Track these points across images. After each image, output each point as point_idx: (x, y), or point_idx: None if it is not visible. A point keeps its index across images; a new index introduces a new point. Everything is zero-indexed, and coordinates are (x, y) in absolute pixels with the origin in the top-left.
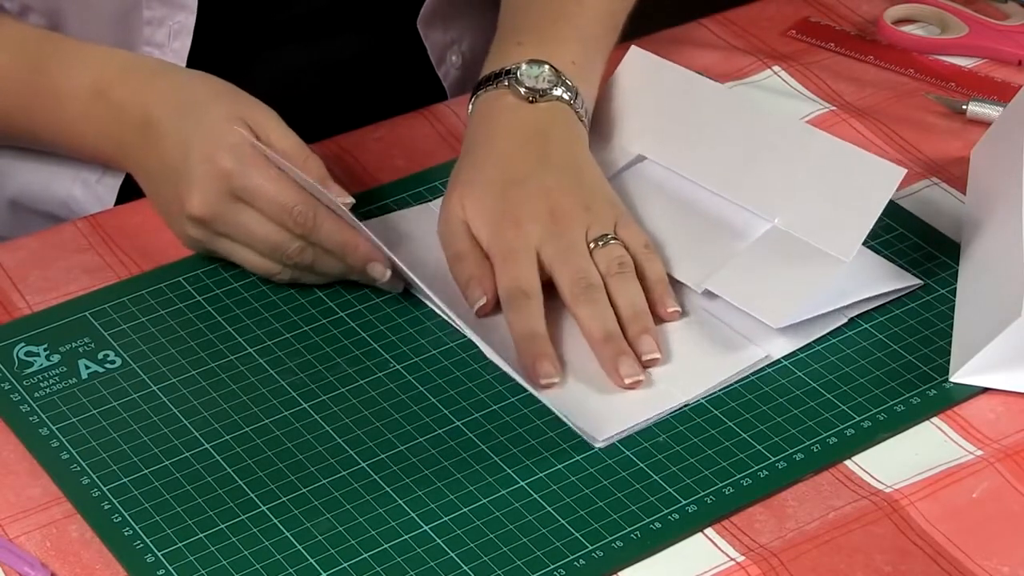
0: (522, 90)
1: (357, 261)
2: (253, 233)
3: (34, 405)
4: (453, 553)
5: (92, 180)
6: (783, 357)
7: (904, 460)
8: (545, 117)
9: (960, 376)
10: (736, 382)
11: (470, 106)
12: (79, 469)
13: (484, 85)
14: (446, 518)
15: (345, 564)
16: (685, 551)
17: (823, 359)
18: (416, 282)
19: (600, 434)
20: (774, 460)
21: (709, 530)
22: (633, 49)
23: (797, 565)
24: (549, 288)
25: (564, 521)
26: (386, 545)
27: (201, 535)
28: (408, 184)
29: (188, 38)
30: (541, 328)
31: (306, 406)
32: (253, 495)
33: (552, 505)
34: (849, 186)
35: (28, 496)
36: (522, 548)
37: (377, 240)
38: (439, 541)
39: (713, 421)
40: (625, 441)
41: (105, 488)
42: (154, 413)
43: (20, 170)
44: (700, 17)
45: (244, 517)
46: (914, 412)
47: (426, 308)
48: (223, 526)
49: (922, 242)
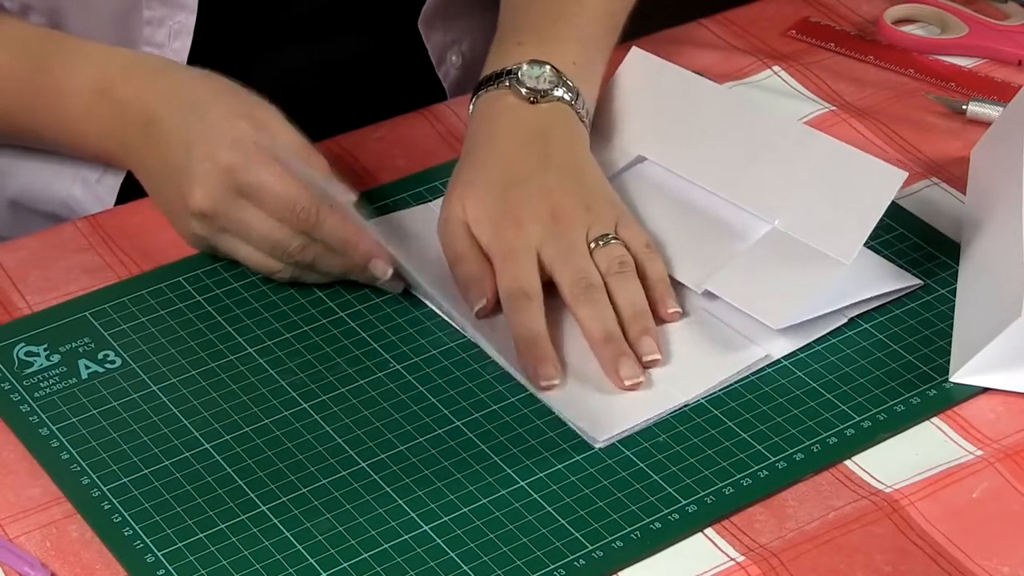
0: (523, 90)
1: (359, 258)
2: (255, 229)
3: (34, 405)
4: (453, 553)
5: (92, 180)
6: (783, 357)
7: (904, 460)
8: (546, 118)
9: (960, 376)
10: (736, 382)
11: (471, 106)
12: (79, 469)
13: (485, 85)
14: (446, 518)
15: (345, 564)
16: (685, 551)
17: (823, 359)
18: (418, 281)
19: (600, 435)
20: (774, 460)
21: (709, 530)
22: (634, 50)
23: (797, 565)
24: (550, 288)
25: (564, 521)
26: (386, 545)
27: (201, 535)
28: (408, 184)
29: (188, 38)
30: (542, 329)
31: (306, 406)
32: (253, 495)
33: (552, 505)
34: (850, 188)
35: (28, 496)
36: (522, 548)
37: (380, 238)
38: (439, 541)
39: (713, 421)
40: (625, 441)
41: (105, 488)
42: (154, 413)
43: (20, 170)
44: (700, 17)
45: (244, 517)
46: (914, 412)
47: (426, 308)
48: (223, 526)
49: (922, 242)
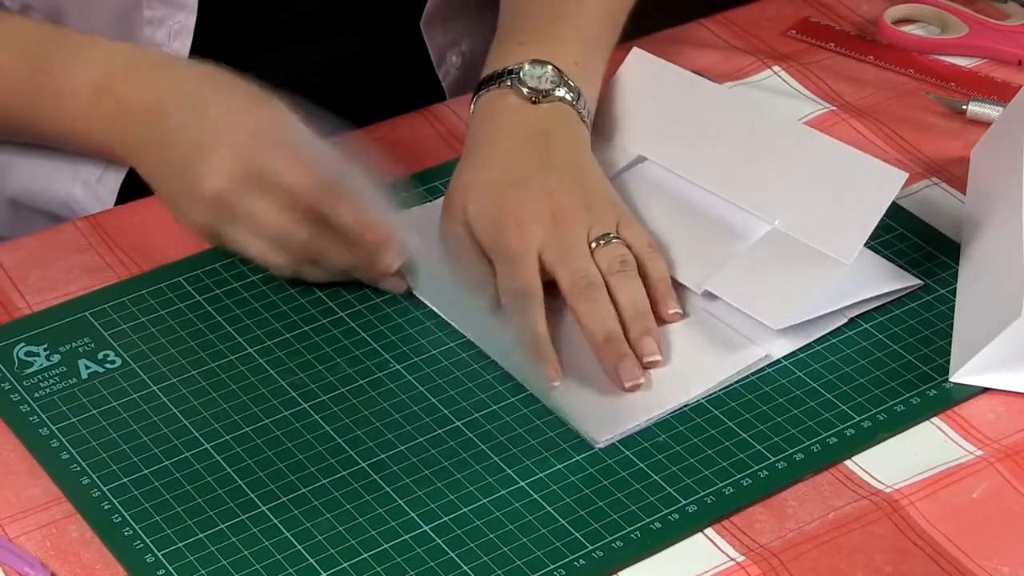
0: (525, 90)
1: (368, 247)
2: (264, 217)
3: (34, 405)
4: (453, 553)
5: (92, 180)
6: (783, 357)
7: (904, 460)
8: (548, 118)
9: (960, 376)
10: (736, 382)
11: (472, 106)
12: (79, 469)
13: (486, 85)
14: (446, 518)
15: (345, 564)
16: (685, 551)
17: (823, 359)
18: (423, 277)
19: (600, 435)
20: (774, 460)
21: (709, 530)
22: (634, 51)
23: (797, 565)
24: (551, 289)
25: (564, 521)
26: (386, 545)
27: (201, 535)
28: (408, 184)
29: (188, 38)
30: (543, 330)
31: (306, 406)
32: (253, 495)
33: (552, 505)
34: (850, 189)
35: (28, 496)
36: (522, 548)
37: (394, 226)
38: (439, 541)
39: (713, 421)
40: (625, 441)
41: (105, 488)
42: (154, 413)
43: (20, 170)
44: (700, 17)
45: (244, 517)
46: (914, 412)
47: (426, 308)
48: (223, 526)
49: (922, 242)
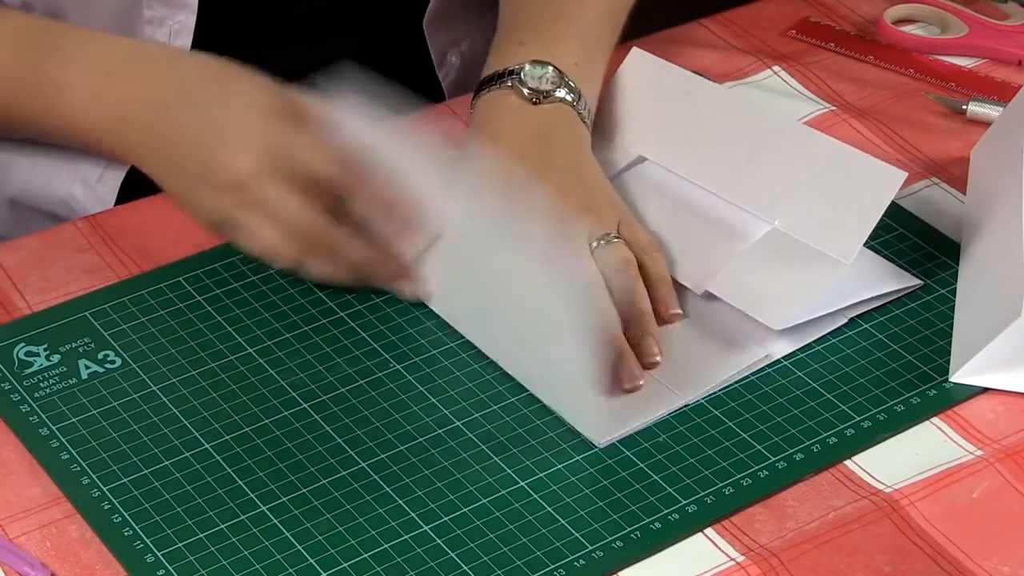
0: (525, 91)
1: (400, 220)
2: (284, 201)
3: (34, 405)
4: (453, 553)
5: (92, 179)
6: (783, 357)
7: (904, 460)
8: (548, 119)
9: (960, 376)
10: (736, 382)
11: (472, 106)
12: (79, 469)
13: (487, 85)
14: (446, 518)
15: (345, 564)
16: (685, 551)
17: (823, 359)
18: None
19: (601, 436)
20: (774, 460)
21: (709, 530)
22: (634, 51)
23: (797, 565)
24: None
25: (564, 521)
26: (386, 545)
27: (201, 535)
28: None
29: (188, 38)
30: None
31: (306, 406)
32: (253, 495)
33: (552, 505)
34: (850, 189)
35: (28, 496)
36: (522, 548)
37: (419, 209)
38: (439, 541)
39: (713, 421)
40: (625, 441)
41: (105, 488)
42: (154, 413)
43: (20, 169)
44: (700, 17)
45: (244, 517)
46: (914, 412)
47: (426, 308)
48: (223, 526)
49: (922, 242)
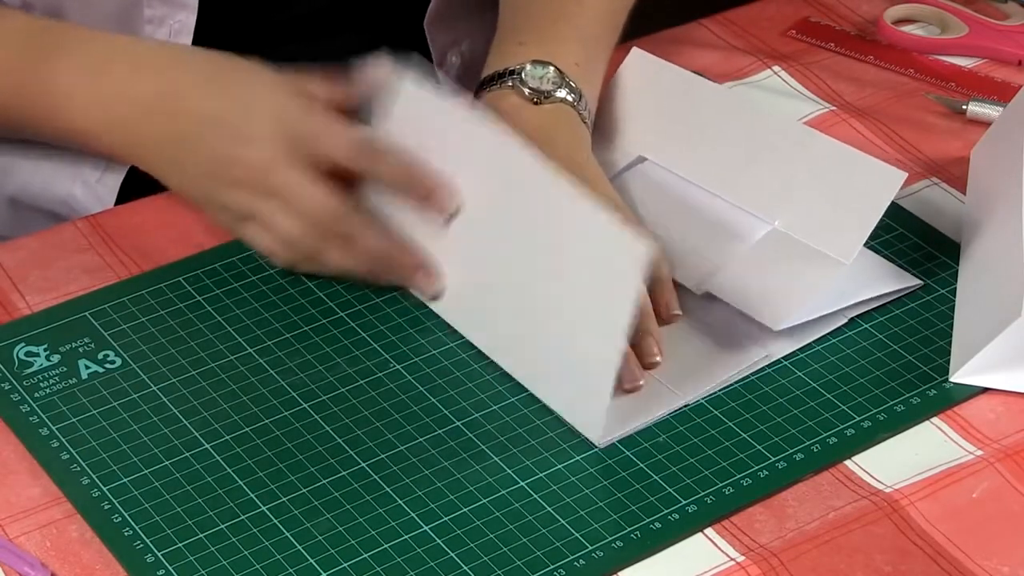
0: (526, 91)
1: (422, 193)
2: (304, 188)
3: (34, 405)
4: (453, 553)
5: (92, 180)
6: (783, 357)
7: (904, 460)
8: (549, 119)
9: (960, 376)
10: (736, 382)
11: None
12: (79, 469)
13: (487, 84)
14: (446, 518)
15: (345, 564)
16: (685, 551)
17: (823, 359)
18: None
19: (601, 436)
20: (774, 460)
21: (709, 530)
22: (634, 51)
23: (797, 565)
24: None
25: (564, 521)
26: (386, 545)
27: (201, 535)
28: None
29: (189, 37)
30: None
31: (306, 406)
32: (253, 495)
33: (552, 505)
34: (850, 189)
35: (28, 496)
36: (522, 548)
37: (448, 185)
38: (439, 541)
39: (713, 421)
40: (625, 441)
41: (105, 488)
42: (154, 413)
43: (20, 168)
44: (700, 17)
45: (244, 517)
46: (914, 412)
47: (426, 308)
48: (223, 526)
49: (922, 242)
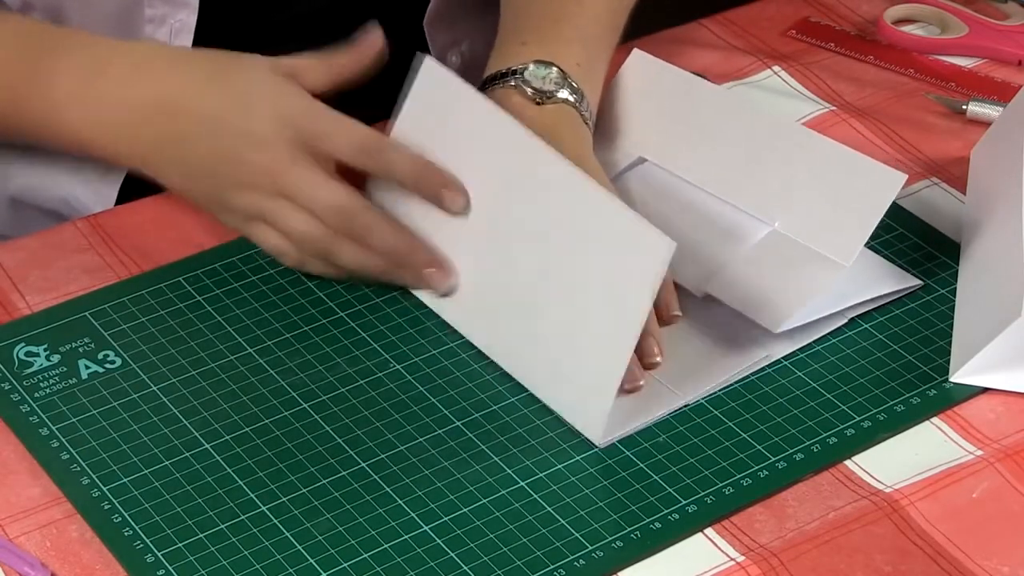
0: (529, 91)
1: (432, 188)
2: (316, 186)
3: (34, 405)
4: (453, 553)
5: (94, 178)
6: (783, 357)
7: (904, 460)
8: (551, 120)
9: (960, 376)
10: (736, 382)
11: None
12: (79, 469)
13: (490, 84)
14: (446, 518)
15: (345, 564)
16: (685, 551)
17: (823, 359)
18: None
19: (600, 435)
20: (774, 460)
21: (709, 530)
22: (635, 52)
23: (797, 565)
24: None
25: (564, 521)
26: (386, 545)
27: (201, 535)
28: None
29: (189, 36)
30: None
31: (306, 406)
32: (253, 495)
33: (552, 505)
34: (850, 191)
35: (28, 496)
36: (522, 548)
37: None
38: (439, 541)
39: (713, 421)
40: (625, 441)
41: (105, 488)
42: (154, 413)
43: (21, 168)
44: (700, 17)
45: (244, 517)
46: (914, 412)
47: (426, 308)
48: (223, 526)
49: (922, 242)
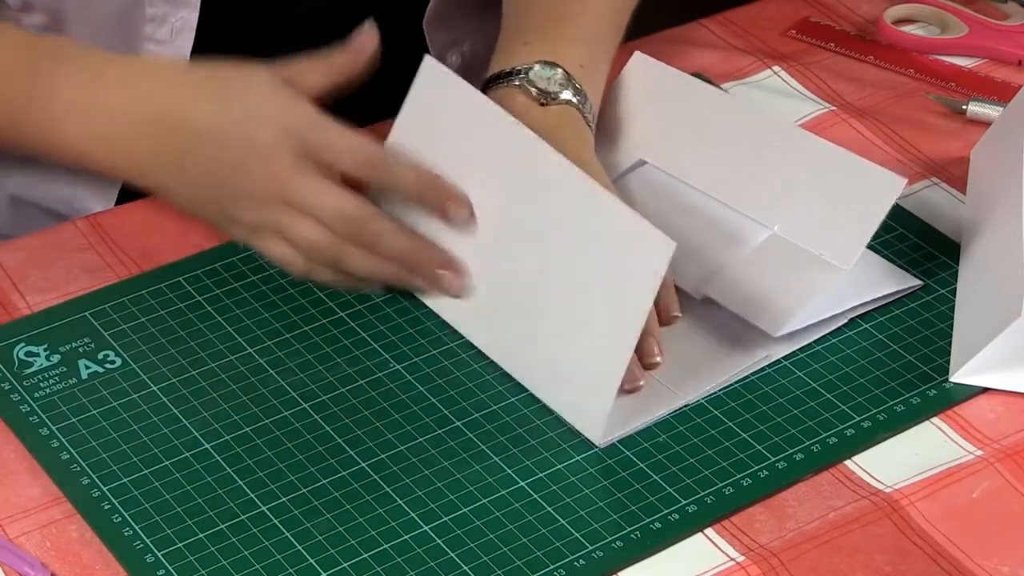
0: (534, 91)
1: (435, 201)
2: (322, 196)
3: (34, 405)
4: (453, 553)
5: (94, 179)
6: (783, 357)
7: (904, 460)
8: (554, 120)
9: (960, 376)
10: (736, 382)
11: None
12: (79, 469)
13: (493, 83)
14: (446, 518)
15: (345, 564)
16: (685, 551)
17: (823, 359)
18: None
19: (601, 436)
20: (774, 460)
21: (709, 530)
22: (636, 55)
23: (797, 565)
24: None
25: (564, 521)
26: (386, 545)
27: (201, 535)
28: None
29: (190, 35)
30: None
31: (306, 406)
32: (253, 495)
33: (552, 505)
34: (850, 194)
35: (28, 496)
36: (522, 548)
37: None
38: (439, 541)
39: (713, 421)
40: (625, 441)
41: (105, 488)
42: (154, 413)
43: (21, 167)
44: (700, 17)
45: (244, 517)
46: (914, 412)
47: (426, 308)
48: (223, 526)
49: (922, 242)
